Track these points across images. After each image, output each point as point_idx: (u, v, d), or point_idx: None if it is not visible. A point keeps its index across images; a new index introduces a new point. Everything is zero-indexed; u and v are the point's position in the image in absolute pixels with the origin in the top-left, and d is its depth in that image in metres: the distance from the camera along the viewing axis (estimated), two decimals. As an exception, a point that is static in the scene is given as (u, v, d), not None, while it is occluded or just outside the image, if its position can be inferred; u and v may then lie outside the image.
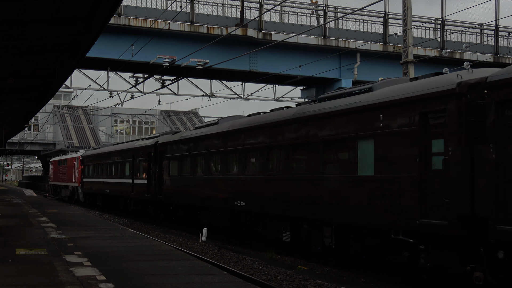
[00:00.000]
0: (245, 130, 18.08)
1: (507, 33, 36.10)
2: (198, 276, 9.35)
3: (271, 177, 16.53)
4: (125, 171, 30.31)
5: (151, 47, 27.45)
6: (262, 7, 32.00)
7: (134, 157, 28.67)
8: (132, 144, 30.47)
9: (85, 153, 42.15)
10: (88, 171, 39.44)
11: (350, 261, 14.62)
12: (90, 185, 38.88)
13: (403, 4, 22.91)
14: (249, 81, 35.26)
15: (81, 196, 41.82)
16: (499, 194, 9.48)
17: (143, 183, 26.96)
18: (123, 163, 30.88)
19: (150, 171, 26.03)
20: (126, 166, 30.22)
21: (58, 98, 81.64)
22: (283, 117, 16.14)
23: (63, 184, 49.30)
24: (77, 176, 42.41)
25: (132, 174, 28.80)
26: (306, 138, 14.99)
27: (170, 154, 24.17)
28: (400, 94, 11.93)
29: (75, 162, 43.45)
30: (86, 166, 40.06)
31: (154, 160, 25.52)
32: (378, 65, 32.71)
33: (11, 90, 17.89)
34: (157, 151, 25.41)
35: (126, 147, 31.09)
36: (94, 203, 38.68)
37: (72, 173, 44.38)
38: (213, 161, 20.50)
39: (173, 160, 23.90)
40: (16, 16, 10.53)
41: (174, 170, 23.81)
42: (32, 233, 15.22)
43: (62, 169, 49.23)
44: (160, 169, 24.97)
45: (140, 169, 27.76)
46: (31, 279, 8.75)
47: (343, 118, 13.52)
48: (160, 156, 25.03)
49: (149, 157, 26.28)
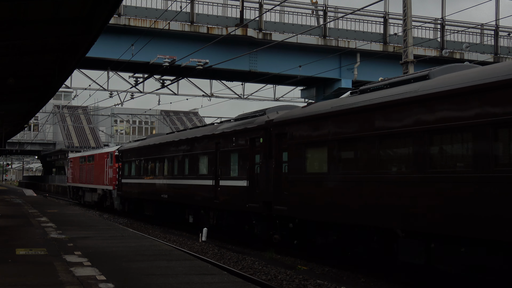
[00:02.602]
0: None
1: (507, 33, 36.11)
2: (198, 276, 9.35)
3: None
4: (201, 168, 21.93)
5: (151, 47, 27.45)
6: (262, 7, 32.00)
7: (218, 147, 20.29)
8: (213, 128, 21.56)
9: (124, 146, 33.47)
10: (129, 169, 30.65)
11: (350, 261, 14.62)
12: (133, 188, 30.01)
13: (403, 4, 22.91)
14: (249, 81, 35.26)
15: (117, 202, 32.96)
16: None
17: (239, 186, 18.53)
18: (195, 157, 22.42)
19: (255, 167, 17.77)
20: (202, 161, 21.82)
21: (58, 98, 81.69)
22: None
23: (88, 186, 40.62)
24: (111, 176, 34.04)
25: (215, 172, 20.25)
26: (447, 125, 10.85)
27: (304, 139, 15.19)
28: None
29: (107, 159, 35.26)
30: (126, 163, 31.21)
31: (265, 150, 17.13)
32: (378, 65, 32.71)
33: (11, 90, 17.91)
34: (271, 135, 16.84)
35: (202, 134, 22.05)
36: (138, 212, 30.28)
37: (102, 172, 35.95)
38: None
39: (315, 148, 14.97)
40: (16, 16, 10.54)
41: (315, 165, 15.04)
42: (32, 233, 15.21)
43: (88, 168, 40.57)
44: (278, 163, 16.47)
45: (231, 164, 19.35)
46: (31, 279, 8.75)
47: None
48: (279, 143, 16.54)
49: (251, 146, 18.03)
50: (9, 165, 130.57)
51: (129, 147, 31.61)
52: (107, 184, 34.94)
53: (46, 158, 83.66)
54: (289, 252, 16.67)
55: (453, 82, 10.90)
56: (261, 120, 17.76)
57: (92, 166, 38.96)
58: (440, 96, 10.96)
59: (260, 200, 17.05)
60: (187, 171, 23.17)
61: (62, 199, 51.86)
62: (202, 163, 21.79)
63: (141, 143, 29.75)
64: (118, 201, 32.87)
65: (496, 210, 9.71)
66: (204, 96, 36.87)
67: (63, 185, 68.94)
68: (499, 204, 9.66)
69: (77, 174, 44.21)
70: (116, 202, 33.21)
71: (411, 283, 12.42)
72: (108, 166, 34.83)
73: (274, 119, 16.73)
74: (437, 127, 10.95)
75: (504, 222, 9.58)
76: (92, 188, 39.06)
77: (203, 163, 21.76)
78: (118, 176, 32.28)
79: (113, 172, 33.57)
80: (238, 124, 19.21)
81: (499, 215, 9.65)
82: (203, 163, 21.76)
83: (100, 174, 36.39)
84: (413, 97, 11.61)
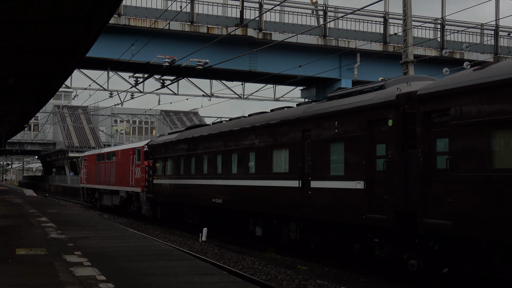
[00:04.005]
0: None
1: (507, 33, 36.12)
2: (198, 276, 9.35)
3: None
4: (276, 164, 16.80)
5: (151, 47, 27.45)
6: (262, 7, 32.01)
7: (307, 136, 15.32)
8: (296, 111, 16.25)
9: (156, 140, 27.72)
10: (164, 167, 25.62)
11: (350, 261, 14.62)
12: (169, 191, 24.86)
13: (403, 4, 22.90)
14: (249, 81, 35.27)
15: (146, 207, 27.81)
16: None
17: (347, 189, 13.53)
18: (266, 151, 17.22)
19: (376, 161, 12.93)
20: (278, 155, 16.72)
21: (58, 98, 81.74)
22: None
23: (107, 188, 35.44)
24: (139, 176, 28.88)
25: (302, 169, 15.28)
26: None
27: (488, 117, 10.29)
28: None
29: (133, 156, 30.14)
30: (159, 160, 26.22)
31: (397, 137, 12.38)
32: (378, 65, 32.72)
33: (11, 90, 17.89)
34: (417, 115, 11.86)
35: (278, 119, 16.84)
36: (176, 219, 25.19)
37: (127, 171, 31.01)
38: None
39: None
40: (16, 16, 10.54)
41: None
42: (32, 233, 15.21)
43: (107, 167, 35.48)
44: (429, 155, 11.54)
45: (331, 158, 14.29)
46: (31, 279, 8.75)
47: None
48: (429, 126, 11.59)
49: (369, 132, 13.09)
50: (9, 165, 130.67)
51: (163, 141, 26.20)
52: (133, 186, 29.58)
53: (46, 158, 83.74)
54: (289, 252, 16.67)
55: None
56: (387, 94, 12.89)
57: (113, 165, 34.00)
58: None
59: (389, 209, 12.22)
60: (252, 169, 18.04)
61: (62, 199, 51.86)
62: (278, 158, 16.70)
63: (180, 135, 24.37)
64: (147, 205, 27.67)
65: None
66: (204, 96, 36.89)
67: (63, 185, 68.96)
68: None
69: (92, 174, 39.09)
70: (145, 206, 27.84)
71: (411, 283, 12.41)
72: (134, 165, 29.76)
73: (421, 91, 11.79)
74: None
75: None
76: (113, 190, 33.93)
77: (279, 158, 16.62)
78: (147, 176, 27.49)
79: (141, 171, 28.50)
80: (342, 103, 14.13)
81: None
82: (279, 158, 16.62)
83: (124, 174, 31.47)
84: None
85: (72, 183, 65.52)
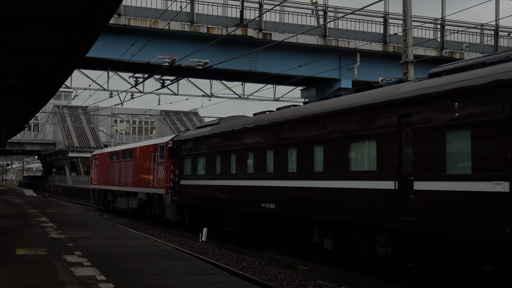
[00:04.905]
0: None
1: (507, 33, 36.13)
2: (198, 276, 9.35)
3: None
4: (355, 160, 13.59)
5: (151, 47, 27.46)
6: (262, 7, 32.02)
7: (406, 123, 12.03)
8: (389, 91, 12.80)
9: (184, 135, 24.20)
10: (194, 166, 22.25)
11: (350, 261, 14.61)
12: (201, 193, 21.56)
13: (403, 4, 22.91)
14: (249, 81, 35.28)
15: (171, 210, 24.58)
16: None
17: (478, 193, 10.35)
18: (339, 143, 13.90)
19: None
20: (358, 149, 13.50)
21: (58, 98, 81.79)
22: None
23: (122, 189, 32.19)
24: (162, 176, 25.67)
25: (399, 167, 12.05)
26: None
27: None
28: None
29: (155, 153, 26.79)
30: (188, 158, 22.84)
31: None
32: (378, 65, 32.73)
33: (11, 90, 17.90)
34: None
35: (362, 102, 13.37)
36: (209, 225, 21.13)
37: (147, 171, 27.90)
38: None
39: None
40: (16, 16, 10.55)
41: None
42: (32, 233, 15.21)
43: (123, 166, 32.27)
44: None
45: (447, 152, 11.11)
46: (31, 279, 8.75)
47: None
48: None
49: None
50: (9, 165, 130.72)
51: (192, 135, 22.76)
52: (154, 186, 26.48)
53: (46, 158, 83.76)
54: (289, 252, 16.67)
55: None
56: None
57: (130, 164, 30.83)
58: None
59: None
60: (319, 167, 14.68)
61: (62, 199, 51.86)
62: (359, 153, 13.42)
63: (215, 128, 21.01)
64: (173, 209, 24.45)
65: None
66: (204, 96, 36.89)
67: (63, 185, 68.98)
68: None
69: (105, 174, 35.64)
70: (170, 210, 24.63)
71: (411, 283, 12.41)
72: (156, 163, 26.45)
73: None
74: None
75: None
76: (129, 192, 30.78)
77: (360, 153, 13.38)
78: (173, 176, 24.44)
79: (165, 171, 25.20)
80: (465, 78, 10.84)
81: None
82: (360, 152, 13.38)
83: (144, 174, 28.36)
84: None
85: (73, 183, 65.56)
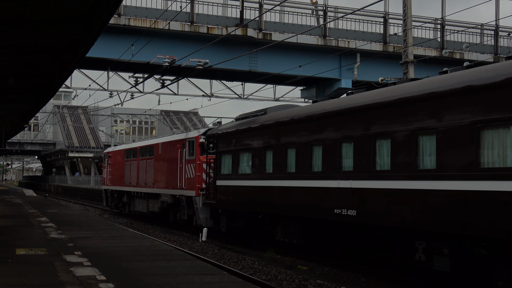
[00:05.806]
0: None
1: (507, 33, 36.12)
2: (198, 276, 9.34)
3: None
4: (488, 154, 10.02)
5: (151, 47, 27.47)
6: (262, 7, 32.02)
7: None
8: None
9: (219, 128, 20.71)
10: (235, 164, 18.77)
11: (350, 261, 14.62)
12: (243, 196, 18.29)
13: (403, 4, 22.91)
14: (249, 81, 35.28)
15: (203, 215, 21.54)
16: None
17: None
18: (466, 130, 10.31)
19: None
20: (488, 139, 10.01)
21: (58, 98, 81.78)
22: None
23: (142, 190, 28.64)
24: (192, 175, 22.46)
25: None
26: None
27: None
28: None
29: (182, 150, 23.56)
30: (227, 154, 19.39)
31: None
32: (378, 65, 32.73)
33: (11, 90, 17.90)
34: None
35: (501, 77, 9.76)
36: (253, 234, 18.92)
37: (173, 170, 24.38)
38: None
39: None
40: (16, 16, 10.55)
41: None
42: (32, 233, 15.21)
43: (141, 165, 28.86)
44: None
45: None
46: (31, 279, 8.75)
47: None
48: None
49: None
50: (9, 165, 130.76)
51: (233, 128, 19.26)
52: (182, 188, 23.18)
53: (46, 158, 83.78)
54: (289, 252, 16.67)
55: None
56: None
57: (150, 162, 27.48)
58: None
59: None
60: (427, 163, 11.14)
61: (62, 199, 51.86)
62: (488, 145, 9.97)
63: (263, 119, 17.53)
64: (206, 214, 21.50)
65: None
66: (204, 96, 36.89)
67: (63, 185, 69.00)
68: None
69: (120, 173, 32.21)
70: (202, 215, 21.52)
71: (410, 283, 12.42)
72: (184, 161, 23.19)
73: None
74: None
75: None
76: (150, 194, 27.41)
77: (489, 145, 9.94)
78: (205, 177, 21.38)
79: (196, 169, 22.06)
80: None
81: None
82: (489, 143, 9.95)
83: (168, 173, 25.02)
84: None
85: (73, 183, 65.58)
